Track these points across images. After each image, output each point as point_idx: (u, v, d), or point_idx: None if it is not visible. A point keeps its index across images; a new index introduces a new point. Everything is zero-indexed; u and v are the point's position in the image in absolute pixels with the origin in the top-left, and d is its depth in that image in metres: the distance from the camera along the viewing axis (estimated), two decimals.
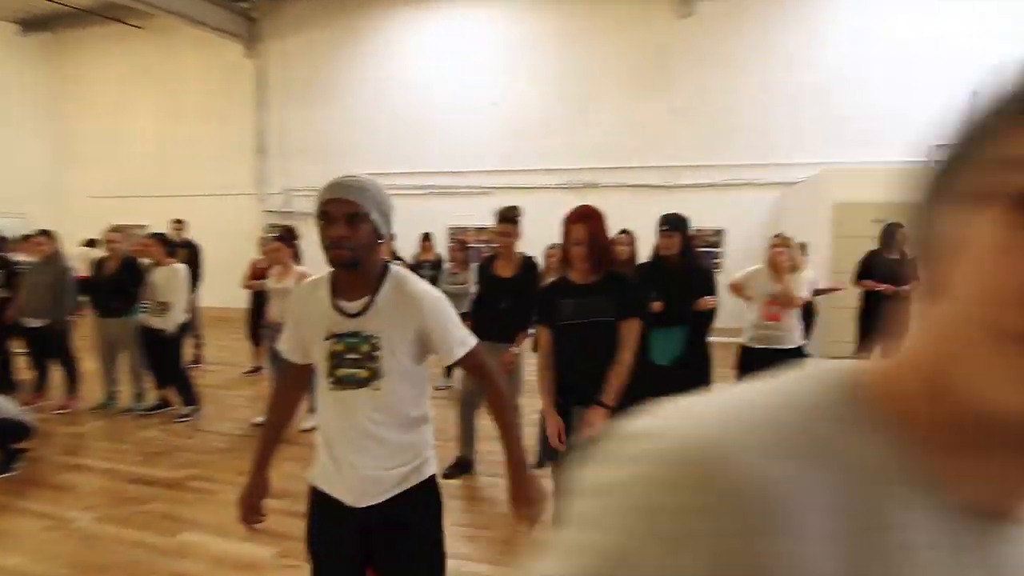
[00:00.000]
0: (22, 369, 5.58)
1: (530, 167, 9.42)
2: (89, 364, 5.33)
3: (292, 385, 1.61)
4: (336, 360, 1.39)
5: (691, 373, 3.47)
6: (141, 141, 11.58)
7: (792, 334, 4.03)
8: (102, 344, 4.98)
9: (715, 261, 8.55)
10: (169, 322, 4.70)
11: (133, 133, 11.63)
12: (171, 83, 11.27)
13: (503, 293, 3.58)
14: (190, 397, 4.91)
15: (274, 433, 1.60)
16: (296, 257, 4.59)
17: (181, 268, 4.84)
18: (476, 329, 2.92)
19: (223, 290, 7.42)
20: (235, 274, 6.15)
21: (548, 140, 9.32)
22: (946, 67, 7.83)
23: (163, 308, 4.72)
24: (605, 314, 2.10)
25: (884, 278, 5.24)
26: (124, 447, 4.22)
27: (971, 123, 0.33)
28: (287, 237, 4.52)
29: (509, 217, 3.63)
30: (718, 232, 8.73)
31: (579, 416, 2.10)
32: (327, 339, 1.41)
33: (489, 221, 4.13)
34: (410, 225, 9.81)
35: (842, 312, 5.64)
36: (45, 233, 4.98)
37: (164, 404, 5.07)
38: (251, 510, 1.54)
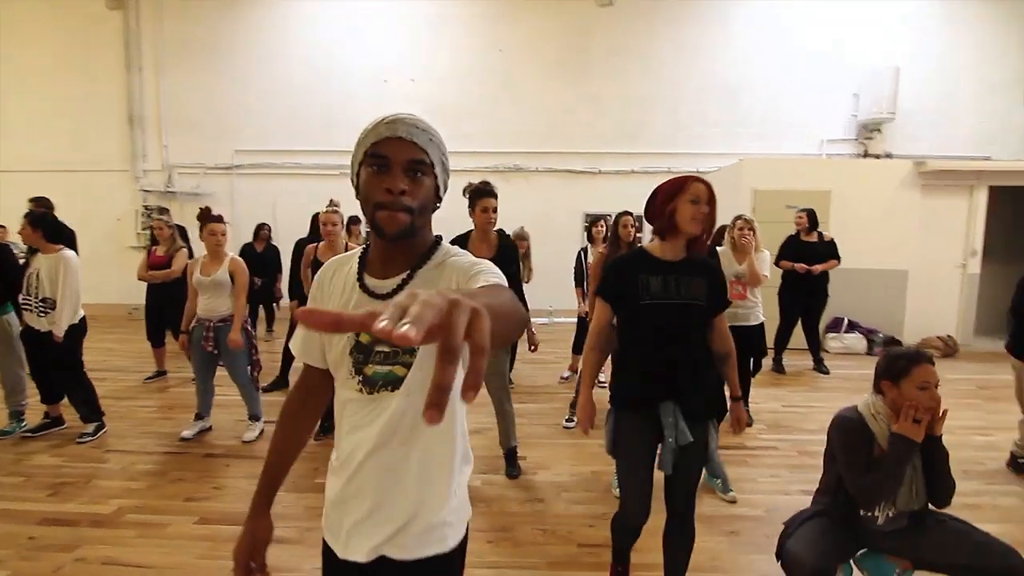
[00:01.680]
0: None
1: (452, 149, 9.04)
2: None
3: (311, 395, 1.22)
4: (362, 355, 1.05)
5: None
6: None
7: (756, 311, 4.24)
8: None
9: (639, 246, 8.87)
10: (59, 323, 3.84)
11: None
12: (8, 35, 9.25)
13: None
14: (93, 411, 4.07)
15: (282, 459, 1.22)
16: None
17: (71, 255, 3.96)
18: None
19: (93, 283, 6.27)
20: (107, 264, 5.18)
21: (470, 122, 9.03)
22: (835, 73, 8.79)
23: (49, 306, 3.85)
24: (699, 298, 1.95)
25: (801, 259, 5.76)
26: (16, 480, 3.39)
27: None
28: (214, 218, 3.87)
29: (493, 192, 3.36)
30: (638, 219, 9.03)
31: (670, 413, 1.95)
32: None
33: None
34: (319, 208, 9.06)
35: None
36: None
37: (55, 422, 4.18)
38: (248, 569, 1.17)
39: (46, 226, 3.92)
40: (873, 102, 8.51)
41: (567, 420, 4.38)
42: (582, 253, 5.60)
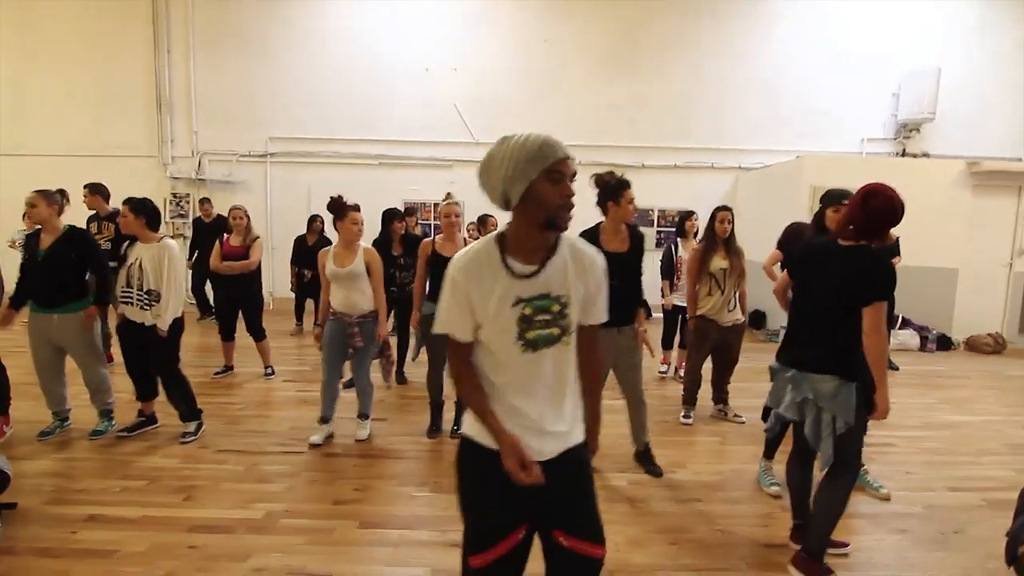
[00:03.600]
0: None
1: (493, 140, 8.88)
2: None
3: (469, 362, 1.49)
4: (526, 324, 1.39)
5: None
6: None
7: None
8: (41, 347, 3.70)
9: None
10: (164, 315, 3.62)
11: None
12: (29, 14, 8.77)
13: (615, 269, 3.20)
14: (192, 410, 3.86)
15: (487, 405, 1.44)
16: None
17: (174, 244, 3.75)
18: None
19: None
20: None
21: (512, 113, 8.86)
22: (875, 73, 8.86)
23: (154, 298, 3.63)
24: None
25: None
26: (139, 483, 3.18)
27: None
28: (352, 207, 3.67)
29: (627, 184, 3.24)
30: (681, 213, 9.00)
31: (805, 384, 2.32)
32: (515, 305, 1.37)
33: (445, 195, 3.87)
34: (357, 197, 8.80)
35: None
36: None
37: (148, 420, 3.96)
38: (523, 466, 1.35)
39: (148, 213, 3.70)
40: (914, 102, 8.60)
41: (684, 416, 4.32)
42: (673, 247, 5.53)
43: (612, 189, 3.11)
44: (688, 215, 5.49)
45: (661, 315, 5.64)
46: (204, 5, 8.73)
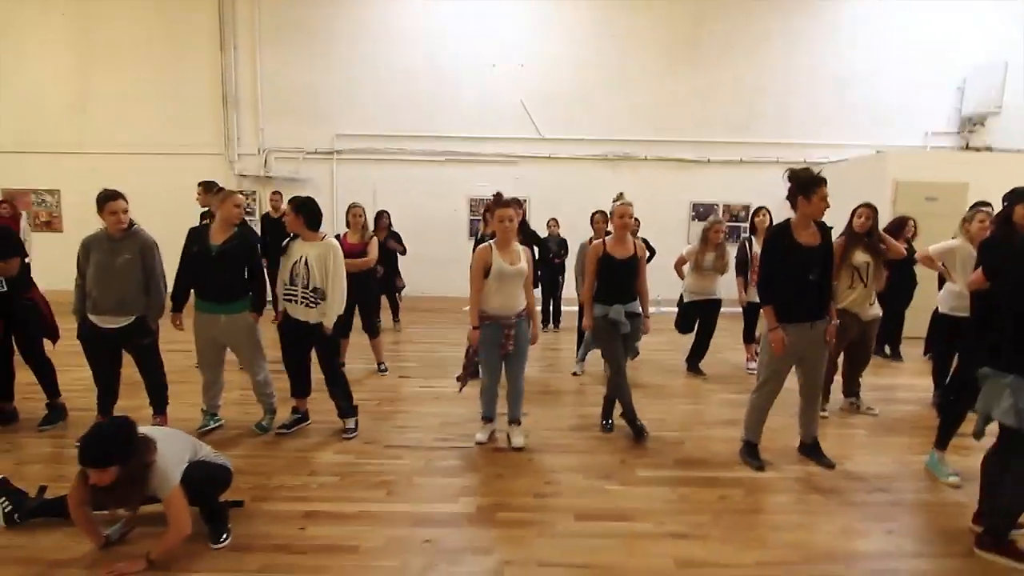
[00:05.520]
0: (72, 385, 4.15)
1: (559, 136, 8.93)
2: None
3: None
4: None
5: None
6: (45, 78, 8.89)
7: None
8: (206, 345, 3.74)
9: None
10: (330, 313, 3.66)
11: (31, 67, 8.88)
12: (94, 11, 8.74)
13: (808, 263, 3.24)
14: (351, 405, 3.90)
15: None
16: None
17: (336, 244, 3.77)
18: (782, 307, 3.25)
19: None
20: None
21: (579, 109, 8.90)
22: (940, 66, 8.89)
23: (320, 295, 3.66)
24: None
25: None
26: (332, 479, 3.22)
27: None
28: (505, 202, 3.68)
29: (823, 181, 3.25)
30: (745, 207, 9.06)
31: None
32: None
33: (516, 192, 3.86)
34: (424, 194, 8.85)
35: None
36: (111, 195, 3.54)
37: (304, 417, 4.00)
38: None
39: (308, 212, 3.72)
40: (980, 95, 8.63)
41: (821, 412, 4.35)
42: (746, 243, 5.56)
43: (804, 184, 3.14)
44: (756, 211, 5.50)
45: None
46: (270, 1, 8.71)
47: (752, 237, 5.47)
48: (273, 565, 2.44)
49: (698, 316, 5.36)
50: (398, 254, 6.97)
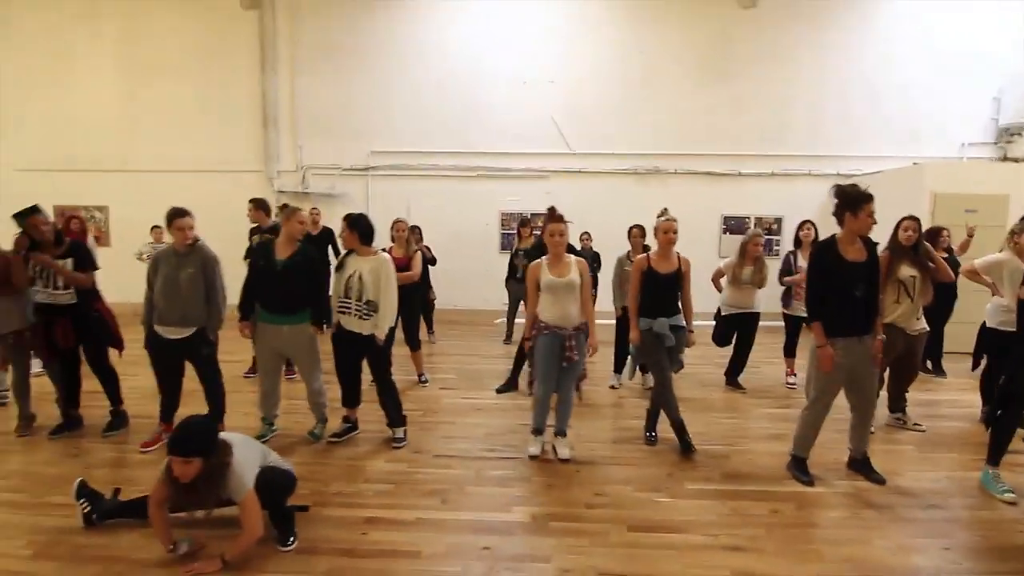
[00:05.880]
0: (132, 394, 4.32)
1: (589, 151, 9.04)
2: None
3: None
4: None
5: None
6: (95, 100, 9.32)
7: None
8: (267, 355, 3.89)
9: (775, 248, 8.86)
10: (382, 325, 3.77)
11: (82, 89, 9.32)
12: (139, 32, 9.17)
13: (855, 279, 3.25)
14: (400, 415, 4.01)
15: None
16: None
17: (388, 259, 3.90)
18: (829, 323, 3.29)
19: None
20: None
21: (608, 123, 9.01)
22: (975, 76, 8.80)
23: (373, 308, 3.78)
24: None
25: None
26: (386, 487, 3.31)
27: None
28: (558, 217, 3.76)
29: (870, 198, 3.26)
30: (777, 220, 9.03)
31: None
32: None
33: (544, 206, 3.96)
34: (456, 209, 9.02)
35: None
36: (180, 213, 3.74)
37: (354, 427, 4.11)
38: None
39: (362, 228, 3.86)
40: (1017, 105, 8.52)
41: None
42: (791, 257, 5.55)
43: (852, 201, 3.16)
44: (801, 225, 5.49)
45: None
46: (308, 22, 9.03)
47: (797, 251, 5.44)
48: (340, 568, 2.53)
49: (736, 329, 5.37)
50: (429, 267, 7.09)
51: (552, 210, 3.75)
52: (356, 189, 9.17)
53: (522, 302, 7.13)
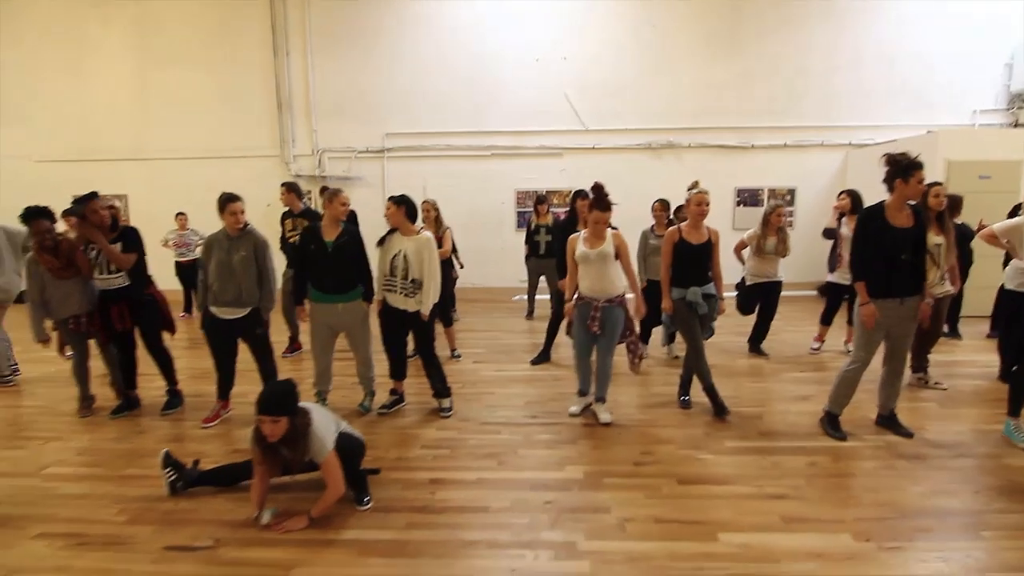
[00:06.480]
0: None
1: (603, 127, 9.09)
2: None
3: None
4: None
5: None
6: (109, 89, 9.35)
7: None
8: (322, 332, 4.05)
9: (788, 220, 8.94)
10: (426, 302, 3.93)
11: (97, 79, 9.35)
12: (152, 18, 9.16)
13: (903, 243, 3.40)
14: (445, 387, 4.20)
15: None
16: None
17: (431, 237, 4.04)
18: (873, 284, 3.45)
19: None
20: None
21: (621, 99, 9.03)
22: (987, 42, 8.79)
23: (417, 286, 3.94)
24: None
25: None
26: (442, 452, 3.51)
27: None
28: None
29: (920, 165, 3.36)
30: (790, 191, 9.12)
31: None
32: None
33: (561, 183, 4.02)
34: (471, 188, 9.11)
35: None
36: (232, 198, 3.88)
37: (401, 399, 4.30)
38: None
39: (409, 206, 3.99)
40: None
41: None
42: (838, 224, 5.58)
43: (905, 168, 3.29)
44: (840, 194, 5.55)
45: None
46: (319, 4, 9.00)
47: (844, 218, 5.42)
48: (417, 523, 2.73)
49: (760, 298, 5.52)
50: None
51: (602, 196, 3.74)
52: (372, 171, 9.25)
53: (543, 277, 7.33)
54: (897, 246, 3.39)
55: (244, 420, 4.08)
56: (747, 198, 9.15)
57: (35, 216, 3.96)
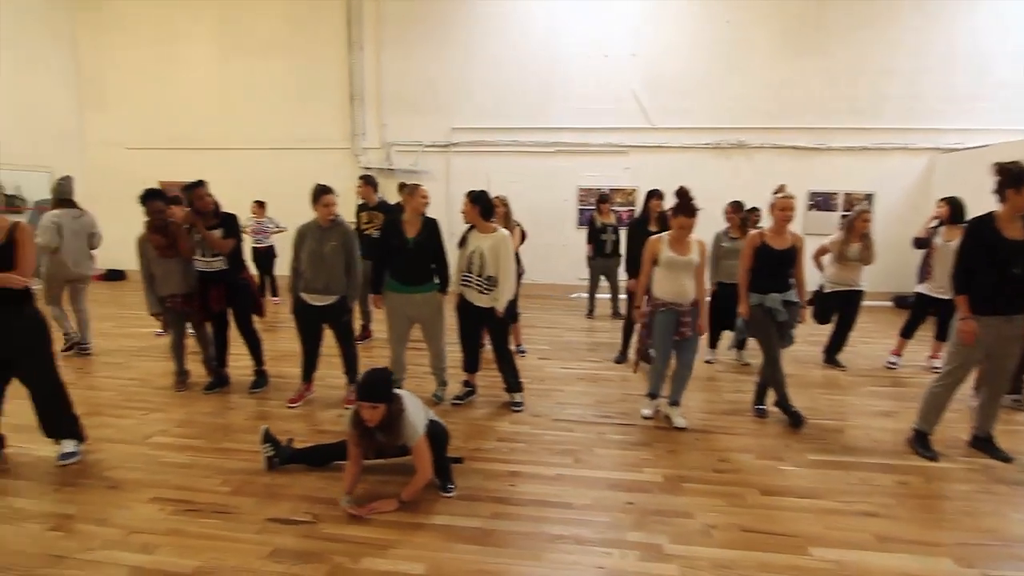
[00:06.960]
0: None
1: (670, 125, 8.93)
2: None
3: None
4: None
5: None
6: (194, 82, 9.89)
7: None
8: (398, 322, 4.19)
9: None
10: (501, 299, 4.00)
11: (183, 72, 9.90)
12: (234, 12, 9.62)
13: (1016, 257, 3.21)
14: (517, 381, 4.26)
15: None
16: None
17: (508, 235, 4.10)
18: (977, 299, 3.29)
19: None
20: None
21: (691, 96, 8.85)
22: None
23: (493, 283, 4.01)
24: None
25: None
26: (519, 445, 3.58)
27: None
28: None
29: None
30: (868, 196, 8.72)
31: None
32: None
33: (624, 182, 3.92)
34: (535, 184, 9.15)
35: None
36: (326, 190, 4.05)
37: (473, 391, 4.40)
38: None
39: (484, 203, 4.06)
40: None
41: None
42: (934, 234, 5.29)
43: (1016, 177, 3.12)
44: (940, 202, 5.27)
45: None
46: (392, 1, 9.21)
47: (942, 228, 5.16)
48: (502, 514, 2.80)
49: (839, 307, 5.33)
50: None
51: (687, 202, 3.73)
52: (437, 165, 9.42)
53: (603, 277, 7.32)
54: (1008, 259, 3.21)
55: (326, 402, 4.29)
56: (820, 202, 8.81)
57: (150, 197, 4.25)
